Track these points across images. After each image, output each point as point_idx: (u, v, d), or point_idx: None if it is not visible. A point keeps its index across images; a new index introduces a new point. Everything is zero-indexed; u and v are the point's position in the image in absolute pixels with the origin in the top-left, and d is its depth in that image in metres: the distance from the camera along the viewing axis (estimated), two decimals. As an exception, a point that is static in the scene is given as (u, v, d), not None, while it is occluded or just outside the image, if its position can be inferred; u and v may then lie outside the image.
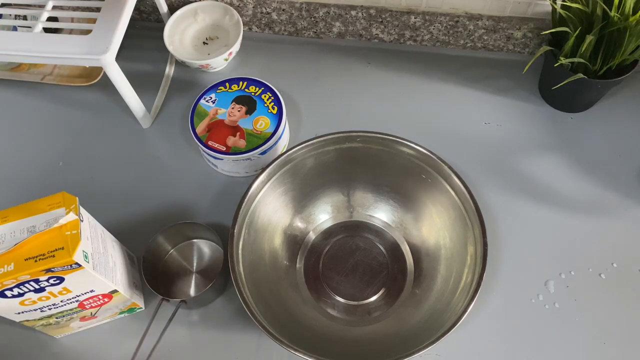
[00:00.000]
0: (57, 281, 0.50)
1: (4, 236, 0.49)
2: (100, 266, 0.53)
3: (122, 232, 0.65)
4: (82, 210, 0.53)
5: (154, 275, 0.64)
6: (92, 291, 0.55)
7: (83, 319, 0.60)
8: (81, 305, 0.57)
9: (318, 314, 0.64)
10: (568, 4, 0.66)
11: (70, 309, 0.57)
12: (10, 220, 0.50)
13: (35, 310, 0.54)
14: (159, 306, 0.61)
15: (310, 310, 0.64)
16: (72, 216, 0.49)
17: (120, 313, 0.63)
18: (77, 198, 0.52)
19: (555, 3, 0.68)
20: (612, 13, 0.63)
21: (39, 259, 0.47)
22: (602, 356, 0.61)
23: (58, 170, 0.76)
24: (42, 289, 0.51)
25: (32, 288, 0.50)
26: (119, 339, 0.63)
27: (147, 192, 0.73)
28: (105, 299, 0.58)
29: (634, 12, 0.63)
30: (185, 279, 0.66)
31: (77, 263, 0.48)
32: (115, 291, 0.57)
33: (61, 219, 0.49)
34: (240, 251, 0.59)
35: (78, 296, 0.55)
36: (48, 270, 0.48)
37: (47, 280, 0.50)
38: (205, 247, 0.68)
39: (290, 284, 0.66)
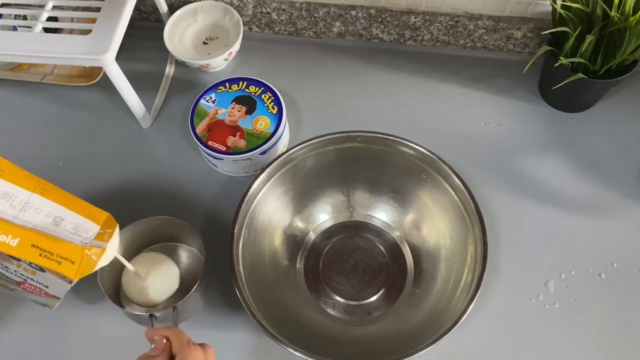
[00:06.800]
0: (37, 267, 0.49)
1: (31, 205, 0.46)
2: None
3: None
4: (115, 234, 0.51)
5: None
6: (46, 287, 0.53)
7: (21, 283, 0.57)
8: (21, 284, 0.55)
9: (318, 314, 0.64)
10: (568, 3, 0.66)
11: (10, 279, 0.54)
12: (48, 197, 0.48)
13: None
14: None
15: (310, 310, 0.64)
16: (101, 244, 0.48)
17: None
18: (117, 225, 0.51)
19: (555, 3, 0.68)
20: (612, 13, 0.63)
21: (45, 255, 0.45)
22: (602, 356, 0.61)
23: (58, 170, 0.76)
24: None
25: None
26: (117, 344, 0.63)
27: (147, 192, 0.73)
28: (43, 293, 0.55)
29: (634, 12, 0.63)
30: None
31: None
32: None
33: (90, 233, 0.48)
34: (240, 251, 0.59)
35: (32, 280, 0.52)
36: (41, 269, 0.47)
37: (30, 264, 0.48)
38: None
39: (290, 284, 0.66)
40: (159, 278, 0.62)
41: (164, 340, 0.46)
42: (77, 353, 0.63)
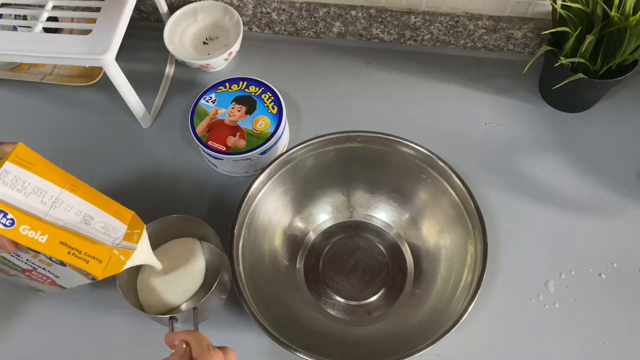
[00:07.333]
0: (58, 262, 0.48)
1: (61, 202, 0.45)
2: None
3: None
4: (144, 236, 0.51)
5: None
6: (57, 277, 0.53)
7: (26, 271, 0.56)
8: (26, 271, 0.54)
9: (318, 314, 0.64)
10: (568, 3, 0.66)
11: (16, 266, 0.53)
12: (78, 194, 0.47)
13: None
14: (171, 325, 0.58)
15: (310, 310, 0.64)
16: (131, 245, 0.48)
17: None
18: (145, 226, 0.51)
19: (556, 3, 0.68)
20: (612, 13, 0.63)
21: (73, 253, 0.44)
22: (602, 356, 0.61)
23: (58, 170, 0.75)
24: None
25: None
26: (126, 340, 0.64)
27: (147, 192, 0.73)
28: (49, 281, 0.55)
29: (634, 12, 0.63)
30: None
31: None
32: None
33: (119, 233, 0.47)
34: (240, 251, 0.59)
35: (44, 269, 0.52)
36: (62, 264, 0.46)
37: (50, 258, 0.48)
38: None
39: (290, 284, 0.66)
40: (178, 281, 0.60)
41: (184, 345, 0.45)
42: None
